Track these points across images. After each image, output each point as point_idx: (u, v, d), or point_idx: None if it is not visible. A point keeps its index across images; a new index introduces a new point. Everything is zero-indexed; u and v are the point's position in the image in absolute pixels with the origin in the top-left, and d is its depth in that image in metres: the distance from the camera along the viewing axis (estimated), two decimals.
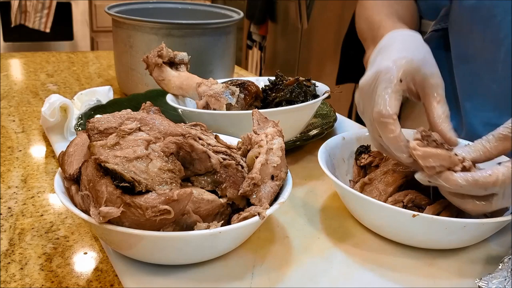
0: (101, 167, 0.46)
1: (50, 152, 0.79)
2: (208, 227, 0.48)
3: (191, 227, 0.48)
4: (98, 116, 0.53)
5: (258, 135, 0.57)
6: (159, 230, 0.46)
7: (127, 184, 0.45)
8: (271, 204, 0.52)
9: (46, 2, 2.82)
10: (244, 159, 0.56)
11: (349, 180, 0.68)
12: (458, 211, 0.57)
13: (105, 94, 0.92)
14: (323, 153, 0.64)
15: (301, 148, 0.82)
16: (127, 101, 0.89)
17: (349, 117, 2.25)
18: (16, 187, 0.68)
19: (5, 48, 2.87)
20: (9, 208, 0.63)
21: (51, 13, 2.85)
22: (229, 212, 0.52)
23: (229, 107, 0.75)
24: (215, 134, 0.59)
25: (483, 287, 0.47)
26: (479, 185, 0.50)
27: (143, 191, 0.46)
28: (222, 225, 0.48)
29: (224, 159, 0.53)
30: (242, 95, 0.76)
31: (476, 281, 0.48)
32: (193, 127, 0.58)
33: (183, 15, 1.18)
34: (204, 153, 0.51)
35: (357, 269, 0.53)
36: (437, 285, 0.51)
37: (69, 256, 0.54)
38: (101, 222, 0.45)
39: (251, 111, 0.61)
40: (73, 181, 0.52)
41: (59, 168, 0.54)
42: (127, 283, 0.49)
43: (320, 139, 0.77)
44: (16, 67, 1.28)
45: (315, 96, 0.80)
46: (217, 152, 0.53)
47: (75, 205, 0.50)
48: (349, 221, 0.62)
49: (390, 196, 0.59)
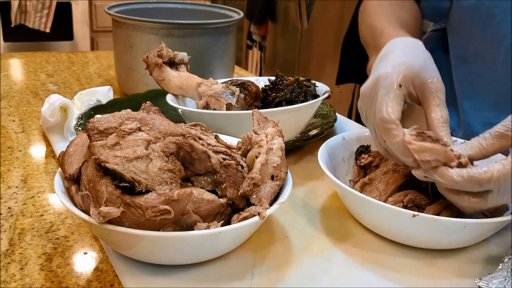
0: (101, 167, 0.46)
1: (50, 152, 0.79)
2: (208, 227, 0.48)
3: (191, 227, 0.48)
4: (98, 116, 0.53)
5: (258, 135, 0.57)
6: (159, 230, 0.46)
7: (127, 184, 0.45)
8: (271, 204, 0.52)
9: (46, 2, 2.82)
10: (244, 159, 0.56)
11: (349, 180, 0.68)
12: (458, 211, 0.57)
13: (105, 94, 0.92)
14: (323, 153, 0.64)
15: (301, 148, 0.82)
16: (127, 101, 0.90)
17: (349, 117, 2.25)
18: (16, 187, 0.68)
19: (5, 48, 2.87)
20: (9, 208, 0.63)
21: (51, 13, 2.85)
22: (229, 212, 0.52)
23: (229, 107, 0.75)
24: (215, 134, 0.59)
25: (483, 287, 0.47)
26: (474, 181, 0.50)
27: (143, 191, 0.46)
28: (222, 225, 0.48)
29: (224, 159, 0.53)
30: (242, 95, 0.76)
31: (476, 281, 0.48)
32: (193, 127, 0.58)
33: (183, 15, 1.18)
34: (204, 153, 0.51)
35: (357, 269, 0.53)
36: (437, 285, 0.51)
37: (69, 256, 0.54)
38: (101, 222, 0.45)
39: (251, 111, 0.61)
40: (73, 181, 0.52)
41: (59, 168, 0.54)
42: (127, 283, 0.49)
43: (320, 139, 0.77)
44: (16, 67, 1.28)
45: (315, 96, 0.80)
46: (217, 152, 0.53)
47: (75, 205, 0.50)
48: (349, 221, 0.62)
49: (390, 196, 0.59)
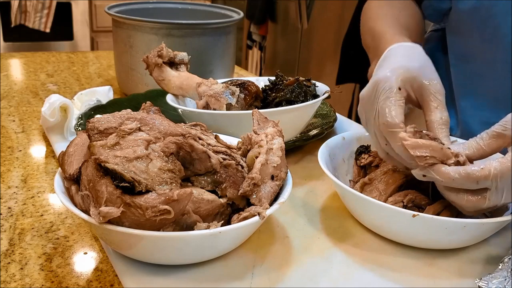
0: (101, 167, 0.46)
1: (50, 152, 0.79)
2: (208, 227, 0.48)
3: (191, 227, 0.48)
4: (98, 116, 0.53)
5: (258, 135, 0.57)
6: (159, 230, 0.46)
7: (127, 184, 0.45)
8: (271, 204, 0.52)
9: (46, 2, 2.82)
10: (244, 159, 0.56)
11: (349, 180, 0.68)
12: (458, 211, 0.57)
13: (105, 94, 0.92)
14: (323, 153, 0.64)
15: (301, 148, 0.82)
16: (127, 101, 0.90)
17: (349, 117, 2.25)
18: (16, 187, 0.68)
19: (5, 48, 2.87)
20: (9, 208, 0.63)
21: (51, 13, 2.85)
22: (229, 212, 0.52)
23: (229, 107, 0.75)
24: (215, 134, 0.59)
25: (483, 287, 0.47)
26: (471, 178, 0.50)
27: (143, 191, 0.46)
28: (222, 225, 0.48)
29: (224, 159, 0.53)
30: (242, 95, 0.76)
31: (476, 281, 0.48)
32: (193, 127, 0.58)
33: (183, 15, 1.18)
34: (204, 153, 0.51)
35: (357, 269, 0.53)
36: (437, 285, 0.51)
37: (69, 256, 0.54)
38: (101, 222, 0.45)
39: (251, 111, 0.61)
40: (73, 181, 0.52)
41: (59, 168, 0.54)
42: (127, 283, 0.49)
43: (320, 139, 0.77)
44: (16, 67, 1.27)
45: (315, 96, 0.80)
46: (217, 152, 0.53)
47: (75, 205, 0.50)
48: (349, 221, 0.62)
49: (390, 196, 0.59)
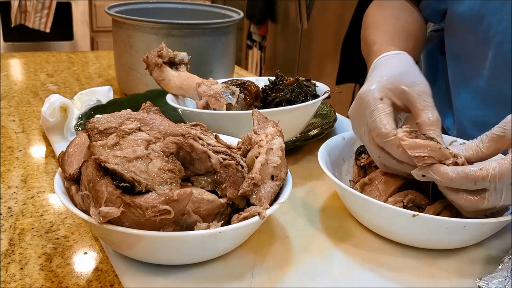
0: (101, 167, 0.46)
1: (50, 152, 0.79)
2: (208, 227, 0.48)
3: (191, 227, 0.48)
4: (98, 116, 0.53)
5: (258, 135, 0.57)
6: (159, 230, 0.46)
7: (127, 184, 0.45)
8: (271, 204, 0.52)
9: (46, 2, 2.82)
10: (244, 159, 0.56)
11: (349, 180, 0.68)
12: (458, 211, 0.57)
13: (105, 94, 0.92)
14: (323, 153, 0.64)
15: (301, 148, 0.82)
16: (127, 101, 0.90)
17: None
18: (16, 187, 0.68)
19: (5, 48, 2.87)
20: (9, 208, 0.63)
21: (51, 13, 2.85)
22: (229, 212, 0.52)
23: (229, 107, 0.75)
24: (215, 134, 0.59)
25: (483, 287, 0.47)
26: (469, 179, 0.50)
27: (143, 191, 0.46)
28: (222, 225, 0.48)
29: (224, 159, 0.53)
30: (242, 95, 0.76)
31: (476, 281, 0.48)
32: (193, 127, 0.58)
33: (183, 15, 1.18)
34: (204, 153, 0.51)
35: (357, 269, 0.53)
36: (437, 285, 0.51)
37: (69, 256, 0.54)
38: (101, 222, 0.45)
39: (251, 111, 0.61)
40: (73, 181, 0.52)
41: (59, 168, 0.54)
42: (127, 283, 0.49)
43: (320, 139, 0.77)
44: (16, 67, 1.28)
45: (315, 96, 0.80)
46: (217, 152, 0.53)
47: (75, 205, 0.50)
48: (349, 221, 0.62)
49: (390, 196, 0.59)
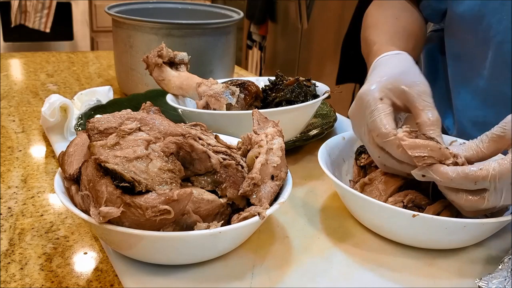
0: (101, 167, 0.46)
1: (50, 152, 0.79)
2: (208, 227, 0.48)
3: (191, 227, 0.48)
4: (98, 116, 0.53)
5: (258, 135, 0.57)
6: (159, 230, 0.46)
7: (127, 184, 0.45)
8: (271, 204, 0.52)
9: (46, 2, 2.82)
10: (244, 159, 0.56)
11: (349, 180, 0.68)
12: (458, 211, 0.57)
13: (105, 94, 0.92)
14: (323, 153, 0.64)
15: (301, 148, 0.82)
16: (127, 101, 0.89)
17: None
18: (16, 187, 0.68)
19: (5, 48, 2.87)
20: (9, 208, 0.63)
21: (51, 13, 2.85)
22: (229, 212, 0.52)
23: (229, 107, 0.75)
24: (215, 134, 0.59)
25: (483, 287, 0.47)
26: (469, 179, 0.50)
27: (143, 191, 0.46)
28: (222, 225, 0.48)
29: (224, 159, 0.53)
30: (242, 95, 0.76)
31: (476, 281, 0.48)
32: (193, 127, 0.58)
33: (183, 15, 1.18)
34: (204, 153, 0.51)
35: (357, 269, 0.53)
36: (437, 285, 0.51)
37: (69, 256, 0.54)
38: (101, 222, 0.45)
39: (251, 111, 0.61)
40: (73, 181, 0.52)
41: (59, 168, 0.54)
42: (127, 283, 0.49)
43: (320, 139, 0.77)
44: (16, 67, 1.28)
45: (315, 96, 0.80)
46: (217, 152, 0.53)
47: (75, 205, 0.50)
48: (349, 221, 0.62)
49: (390, 196, 0.59)
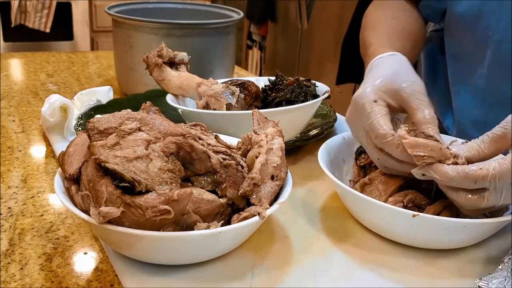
0: (101, 167, 0.46)
1: (50, 152, 0.79)
2: (208, 227, 0.48)
3: (191, 227, 0.48)
4: (98, 116, 0.53)
5: (258, 135, 0.57)
6: (159, 230, 0.46)
7: (127, 184, 0.45)
8: (271, 204, 0.52)
9: (46, 2, 2.82)
10: (244, 159, 0.56)
11: (349, 180, 0.68)
12: (458, 211, 0.57)
13: (105, 94, 0.92)
14: (323, 153, 0.64)
15: (301, 148, 0.82)
16: (127, 101, 0.89)
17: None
18: (16, 187, 0.68)
19: (5, 48, 2.87)
20: (9, 208, 0.63)
21: (51, 13, 2.85)
22: (229, 212, 0.52)
23: (229, 107, 0.75)
24: (215, 134, 0.59)
25: (483, 287, 0.47)
26: (469, 178, 0.50)
27: (143, 191, 0.46)
28: (222, 225, 0.48)
29: (224, 159, 0.53)
30: (242, 95, 0.76)
31: (476, 281, 0.48)
32: (193, 127, 0.58)
33: (183, 15, 1.18)
34: (204, 153, 0.51)
35: (357, 269, 0.53)
36: (437, 285, 0.51)
37: (69, 256, 0.54)
38: (101, 222, 0.45)
39: (251, 111, 0.61)
40: (73, 181, 0.52)
41: (59, 168, 0.54)
42: (127, 283, 0.49)
43: (320, 139, 0.77)
44: (16, 67, 1.28)
45: (315, 96, 0.80)
46: (217, 152, 0.53)
47: (75, 205, 0.50)
48: (349, 221, 0.62)
49: (390, 196, 0.59)
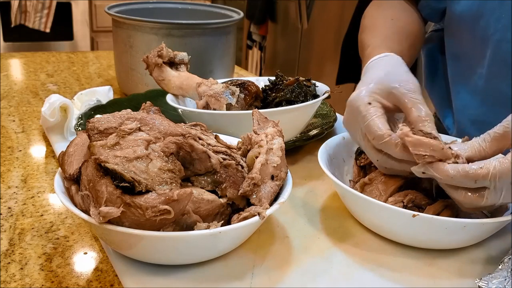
0: (101, 167, 0.46)
1: (50, 152, 0.79)
2: (208, 227, 0.48)
3: (191, 227, 0.48)
4: (98, 116, 0.53)
5: (258, 135, 0.57)
6: (159, 230, 0.46)
7: (127, 184, 0.45)
8: (271, 204, 0.52)
9: (46, 2, 2.82)
10: (244, 159, 0.56)
11: (349, 180, 0.68)
12: (458, 212, 0.57)
13: (105, 94, 0.92)
14: (323, 153, 0.64)
15: (301, 148, 0.82)
16: (127, 101, 0.90)
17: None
18: (16, 187, 0.68)
19: (5, 48, 2.87)
20: (9, 208, 0.63)
21: (51, 13, 2.85)
22: (229, 212, 0.52)
23: (229, 107, 0.75)
24: (215, 134, 0.59)
25: (483, 287, 0.47)
26: (469, 177, 0.50)
27: (143, 191, 0.46)
28: (222, 225, 0.48)
29: (224, 159, 0.53)
30: (242, 95, 0.76)
31: (476, 281, 0.48)
32: (193, 127, 0.58)
33: (183, 15, 1.18)
34: (204, 153, 0.51)
35: (357, 269, 0.53)
36: (437, 285, 0.51)
37: (69, 256, 0.54)
38: (101, 222, 0.45)
39: (251, 111, 0.61)
40: (73, 181, 0.52)
41: (59, 168, 0.54)
42: (127, 283, 0.49)
43: (320, 139, 0.77)
44: (16, 67, 1.28)
45: (315, 96, 0.80)
46: (217, 152, 0.53)
47: (75, 205, 0.50)
48: (349, 221, 0.62)
49: (390, 196, 0.59)
